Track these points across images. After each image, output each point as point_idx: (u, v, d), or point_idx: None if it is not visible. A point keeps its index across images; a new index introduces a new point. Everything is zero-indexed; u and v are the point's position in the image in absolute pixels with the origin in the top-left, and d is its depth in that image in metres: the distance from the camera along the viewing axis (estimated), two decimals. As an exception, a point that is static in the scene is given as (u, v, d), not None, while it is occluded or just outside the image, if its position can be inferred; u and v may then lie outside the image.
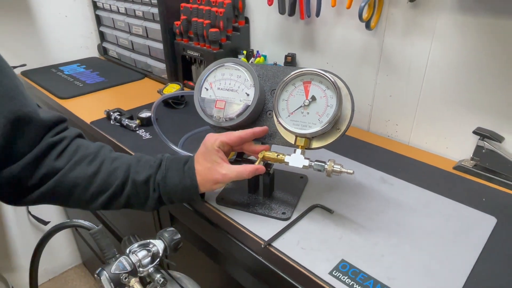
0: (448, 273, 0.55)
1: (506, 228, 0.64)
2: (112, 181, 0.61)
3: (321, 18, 0.98)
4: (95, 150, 0.63)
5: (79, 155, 0.60)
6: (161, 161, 0.64)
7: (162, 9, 1.20)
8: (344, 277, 0.55)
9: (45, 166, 0.58)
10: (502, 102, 0.76)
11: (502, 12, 0.70)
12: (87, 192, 0.60)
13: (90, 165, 0.60)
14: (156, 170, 0.63)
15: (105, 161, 0.62)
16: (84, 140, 0.65)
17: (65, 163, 0.59)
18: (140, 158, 0.64)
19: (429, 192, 0.73)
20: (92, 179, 0.60)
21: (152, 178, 0.62)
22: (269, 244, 0.61)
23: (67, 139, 0.61)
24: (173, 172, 0.62)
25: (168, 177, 0.62)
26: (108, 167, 0.61)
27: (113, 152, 0.66)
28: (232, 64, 0.68)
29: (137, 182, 0.61)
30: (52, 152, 0.59)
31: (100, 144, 0.66)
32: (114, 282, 0.56)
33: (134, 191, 0.62)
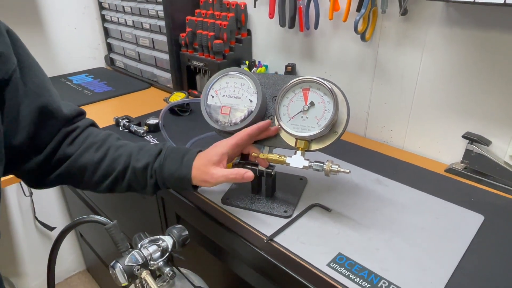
0: (437, 265, 0.60)
1: (493, 225, 0.69)
2: (115, 167, 0.65)
3: (319, 31, 1.04)
4: (103, 137, 0.68)
5: (88, 142, 0.66)
6: (160, 150, 0.68)
7: (168, 21, 1.27)
8: (341, 268, 0.59)
9: (60, 152, 0.64)
10: (488, 107, 0.81)
11: (486, 25, 0.76)
12: (94, 175, 0.66)
13: (97, 152, 0.65)
14: (155, 159, 0.67)
15: (110, 148, 0.67)
16: (95, 129, 0.70)
17: (76, 149, 0.65)
18: (142, 147, 0.68)
19: (421, 193, 0.78)
20: (98, 165, 0.65)
21: (150, 165, 0.66)
22: (271, 239, 0.66)
23: (80, 128, 0.66)
24: (171, 161, 0.66)
25: (165, 165, 0.66)
26: (113, 154, 0.66)
27: (120, 140, 0.70)
28: (236, 73, 0.74)
29: (136, 169, 0.65)
30: (66, 140, 0.65)
31: (108, 132, 0.71)
32: (127, 273, 0.61)
33: (133, 177, 0.66)
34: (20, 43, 0.58)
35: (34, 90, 0.59)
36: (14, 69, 0.55)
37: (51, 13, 1.55)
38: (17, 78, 0.56)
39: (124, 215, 1.23)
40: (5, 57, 0.54)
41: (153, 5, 1.33)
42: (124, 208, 1.21)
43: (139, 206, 1.09)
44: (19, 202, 1.67)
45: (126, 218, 1.23)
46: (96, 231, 1.58)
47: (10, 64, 0.55)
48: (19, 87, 0.57)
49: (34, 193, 1.67)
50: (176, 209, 0.89)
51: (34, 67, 0.60)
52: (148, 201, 1.00)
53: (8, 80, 0.55)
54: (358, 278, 0.57)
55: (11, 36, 0.57)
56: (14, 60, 0.56)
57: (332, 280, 0.57)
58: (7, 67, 0.54)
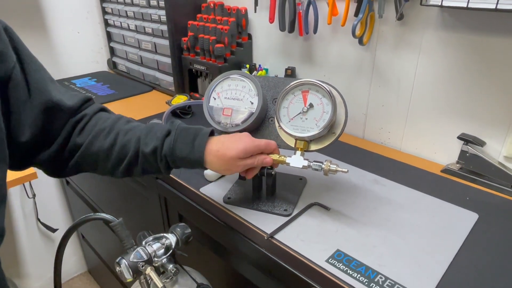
0: (432, 261, 0.62)
1: (487, 223, 0.71)
2: (126, 152, 0.65)
3: (318, 35, 1.07)
4: (111, 123, 0.67)
5: (96, 129, 0.65)
6: (169, 131, 0.66)
7: (171, 26, 1.29)
8: (339, 264, 0.61)
9: (71, 143, 0.65)
10: (483, 109, 0.83)
11: (480, 29, 0.79)
12: (108, 162, 0.66)
13: (106, 138, 0.65)
14: (163, 141, 0.65)
15: (119, 133, 0.66)
16: (104, 113, 0.70)
17: (85, 138, 0.65)
18: (151, 129, 0.67)
19: (417, 192, 0.80)
20: (110, 151, 0.65)
21: (158, 149, 0.65)
22: (271, 237, 0.68)
23: (87, 115, 0.66)
24: (182, 144, 0.65)
25: (176, 148, 0.65)
26: (122, 139, 0.65)
27: (129, 123, 0.69)
28: (238, 76, 0.76)
29: (146, 153, 0.64)
30: (75, 130, 0.65)
31: (118, 116, 0.70)
32: (132, 269, 0.63)
33: (145, 160, 0.65)
34: (18, 40, 0.58)
35: (36, 86, 0.59)
36: (13, 66, 0.56)
37: (55, 18, 1.58)
38: (18, 75, 0.57)
39: (126, 215, 1.25)
40: (4, 55, 0.54)
41: (156, 10, 1.36)
42: (127, 209, 1.23)
43: (141, 206, 1.11)
44: (22, 203, 1.69)
45: (128, 219, 1.25)
46: (98, 232, 1.59)
47: (9, 61, 0.55)
48: (20, 84, 0.57)
49: (37, 194, 1.69)
50: (179, 209, 0.91)
51: (34, 63, 0.60)
52: (151, 201, 1.02)
53: (9, 78, 0.55)
54: (356, 274, 0.59)
55: (9, 33, 0.57)
56: (13, 58, 0.56)
57: (330, 275, 0.59)
58: (6, 65, 0.55)
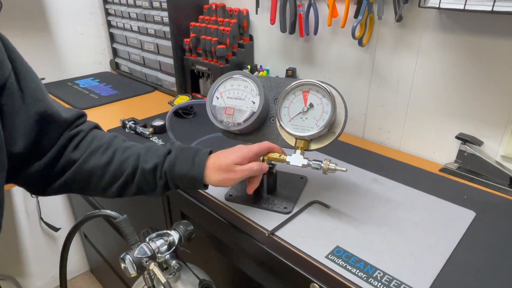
0: (430, 257, 0.63)
1: (483, 221, 0.72)
2: (124, 169, 0.65)
3: (318, 36, 1.08)
4: (108, 140, 0.67)
5: (93, 146, 0.65)
6: (169, 150, 0.67)
7: (173, 27, 1.31)
8: (338, 260, 0.63)
9: (64, 158, 0.63)
10: (480, 109, 0.85)
11: (477, 31, 0.80)
12: (102, 180, 0.65)
13: (103, 155, 0.65)
14: (164, 159, 0.66)
15: (117, 150, 0.66)
16: (99, 131, 0.69)
17: (81, 154, 0.64)
18: (150, 148, 0.68)
19: (416, 191, 0.82)
20: (106, 168, 0.64)
21: (159, 166, 0.65)
22: (272, 233, 0.69)
23: (83, 131, 0.66)
24: (182, 161, 0.66)
25: (176, 166, 0.65)
26: (120, 157, 0.65)
27: (126, 142, 0.70)
28: (240, 76, 0.77)
29: (145, 170, 0.65)
30: (70, 145, 0.64)
31: (114, 134, 0.70)
32: (136, 264, 0.64)
33: (142, 179, 0.66)
34: (12, 48, 0.57)
35: (31, 95, 0.57)
36: (9, 74, 0.54)
37: (58, 19, 1.60)
38: (13, 84, 0.55)
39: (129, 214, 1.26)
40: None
41: (158, 12, 1.37)
42: (129, 207, 1.24)
43: (144, 205, 1.13)
44: (25, 203, 1.71)
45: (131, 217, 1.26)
46: (100, 232, 1.61)
47: (4, 69, 0.54)
48: (15, 93, 0.55)
49: (40, 194, 1.70)
50: (181, 207, 0.93)
51: (30, 73, 0.59)
52: (153, 199, 1.03)
53: (3, 86, 0.54)
54: (355, 269, 0.61)
55: (3, 41, 0.55)
56: (8, 66, 0.54)
57: (330, 271, 0.61)
58: (1, 73, 0.53)
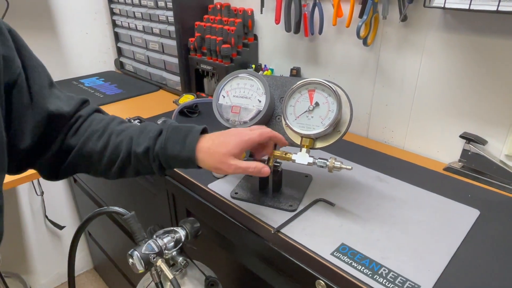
0: (434, 255, 0.64)
1: (488, 219, 0.73)
2: (118, 153, 0.65)
3: (323, 36, 1.09)
4: (104, 124, 0.67)
5: (89, 131, 0.65)
6: (160, 131, 0.66)
7: (178, 27, 1.32)
8: (344, 257, 0.63)
9: (65, 144, 0.65)
10: (484, 109, 0.85)
11: (481, 30, 0.81)
12: (101, 163, 0.66)
13: (99, 140, 0.65)
14: (155, 141, 0.64)
15: (112, 134, 0.66)
16: (99, 115, 0.69)
17: (79, 139, 0.65)
18: (144, 129, 0.66)
19: (420, 189, 0.82)
20: (102, 153, 0.65)
21: (150, 149, 0.64)
22: (278, 231, 0.70)
23: (82, 117, 0.66)
24: (173, 143, 0.64)
25: (167, 147, 0.64)
26: (115, 141, 0.65)
27: (122, 124, 0.69)
28: (246, 75, 0.78)
29: (138, 153, 0.64)
30: (70, 132, 0.65)
31: (112, 117, 0.70)
32: (144, 261, 0.65)
33: (137, 161, 0.65)
34: (22, 43, 0.57)
35: (39, 93, 0.58)
36: (19, 72, 0.54)
37: (63, 19, 1.61)
38: (22, 81, 0.55)
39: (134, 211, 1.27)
40: (10, 60, 0.53)
41: (163, 11, 1.38)
42: (135, 205, 1.25)
43: (149, 203, 1.14)
44: (30, 201, 1.72)
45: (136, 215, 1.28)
46: (104, 230, 1.62)
47: (15, 67, 0.54)
48: (24, 91, 0.56)
49: (45, 192, 1.72)
50: (186, 205, 0.94)
51: (36, 68, 0.59)
52: (159, 197, 1.04)
53: (14, 83, 0.54)
54: (360, 266, 0.61)
55: (13, 36, 0.55)
56: (18, 63, 0.54)
57: (336, 267, 0.61)
58: (12, 70, 0.53)
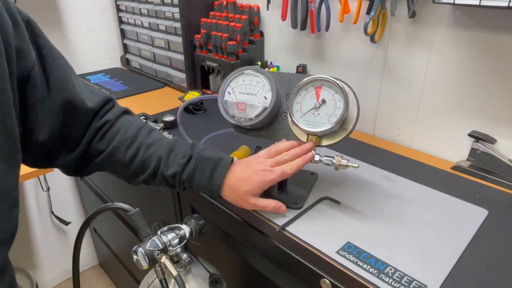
0: (441, 255, 0.63)
1: (496, 219, 0.71)
2: (146, 168, 0.68)
3: (330, 32, 1.08)
4: (133, 133, 0.68)
5: (118, 140, 0.67)
6: (190, 157, 0.68)
7: (184, 24, 1.31)
8: (349, 256, 0.62)
9: (92, 147, 0.66)
10: (493, 107, 0.84)
11: (491, 27, 0.79)
12: (127, 172, 0.69)
13: (127, 151, 0.67)
14: (183, 168, 0.67)
15: (141, 147, 0.68)
16: (127, 118, 0.70)
17: (106, 145, 0.66)
18: (173, 148, 0.69)
19: (427, 188, 0.81)
20: (129, 164, 0.68)
21: (178, 175, 0.67)
22: (283, 229, 0.70)
23: (110, 121, 0.67)
24: (200, 174, 0.67)
25: (194, 178, 0.67)
26: (143, 155, 0.67)
27: (151, 135, 0.70)
28: (252, 71, 0.77)
29: (165, 175, 0.68)
30: (97, 135, 0.66)
31: (140, 125, 0.70)
32: (148, 257, 0.65)
33: (163, 180, 0.69)
34: (40, 33, 0.56)
35: (57, 84, 0.58)
36: (33, 64, 0.54)
37: (70, 15, 1.62)
38: (37, 73, 0.54)
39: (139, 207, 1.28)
40: (23, 52, 0.52)
41: (169, 8, 1.38)
42: (140, 202, 1.25)
43: (154, 199, 1.13)
44: (36, 197, 1.73)
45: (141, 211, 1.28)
46: (110, 226, 1.63)
47: (28, 59, 0.53)
48: (39, 83, 0.55)
49: (51, 188, 1.73)
50: (191, 201, 0.93)
51: (56, 60, 0.58)
52: (164, 194, 1.04)
53: (28, 76, 0.53)
54: (366, 265, 0.61)
55: (32, 27, 0.54)
56: (32, 56, 0.53)
57: (341, 266, 0.61)
58: (25, 63, 0.52)
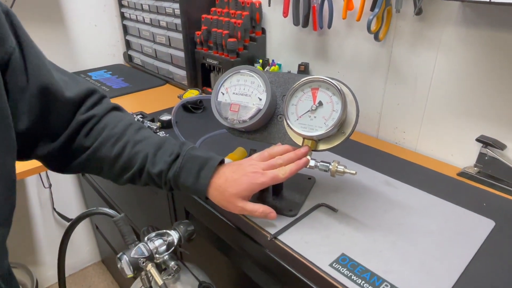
0: (442, 270, 0.59)
1: (504, 231, 0.67)
2: (132, 165, 0.65)
3: (332, 30, 1.04)
4: (121, 130, 0.66)
5: (104, 135, 0.65)
6: (177, 155, 0.66)
7: (184, 20, 1.28)
8: (343, 269, 0.59)
9: (77, 143, 0.64)
10: (504, 110, 0.79)
11: (502, 25, 0.74)
12: (113, 169, 0.66)
13: (114, 147, 0.64)
14: (169, 166, 0.65)
15: (128, 144, 0.65)
16: (114, 116, 0.68)
17: (92, 142, 0.64)
18: (161, 146, 0.66)
19: (431, 196, 0.77)
20: (115, 160, 0.65)
21: (164, 173, 0.64)
22: (275, 237, 0.66)
23: (96, 117, 0.65)
24: (186, 173, 0.64)
25: (180, 177, 0.64)
26: (130, 152, 0.65)
27: (139, 132, 0.68)
28: (247, 71, 0.74)
29: (151, 173, 0.65)
30: (82, 130, 0.64)
31: (128, 122, 0.68)
32: (133, 265, 0.62)
33: (149, 179, 0.66)
34: (19, 25, 0.56)
35: (35, 71, 0.57)
36: (12, 51, 0.54)
37: (72, 11, 1.60)
38: (16, 60, 0.55)
39: (137, 207, 1.26)
40: (3, 38, 0.53)
41: (170, 3, 1.35)
42: (138, 201, 1.24)
43: (151, 200, 1.11)
44: (39, 193, 1.73)
45: (139, 211, 1.26)
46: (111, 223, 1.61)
47: (8, 46, 0.53)
48: (19, 70, 0.56)
49: (53, 185, 1.72)
50: (185, 204, 0.91)
51: (34, 49, 0.59)
52: (159, 195, 1.02)
53: (7, 62, 0.54)
54: (360, 280, 0.57)
55: (10, 17, 0.55)
56: (12, 42, 0.54)
57: (333, 280, 0.57)
58: (5, 49, 0.53)
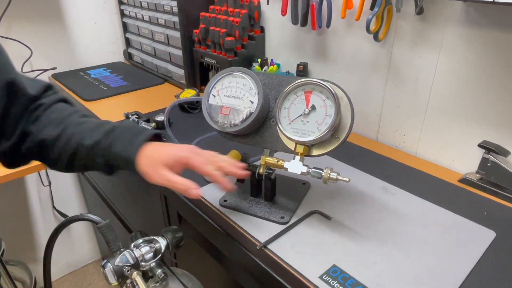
0: (438, 283, 0.56)
1: (505, 242, 0.64)
2: (70, 144, 0.63)
3: (332, 29, 1.00)
4: (65, 114, 0.65)
5: (49, 119, 0.64)
6: (113, 127, 0.64)
7: (182, 17, 1.26)
8: (334, 282, 0.56)
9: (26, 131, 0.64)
10: (507, 115, 0.75)
11: (506, 25, 0.71)
12: (52, 152, 0.64)
13: (55, 128, 0.63)
14: (106, 136, 0.62)
15: (70, 125, 0.64)
16: (63, 105, 0.68)
17: (37, 126, 0.64)
18: (101, 125, 0.64)
19: (430, 204, 0.74)
20: (55, 142, 0.63)
21: (98, 143, 0.62)
22: (264, 246, 0.64)
23: (44, 105, 0.65)
24: (121, 140, 0.62)
25: (115, 145, 0.62)
26: (70, 131, 0.63)
27: (84, 118, 0.66)
28: (239, 72, 0.71)
29: (85, 147, 0.62)
30: (30, 118, 0.64)
31: (75, 109, 0.68)
32: (117, 273, 0.60)
33: (85, 155, 0.63)
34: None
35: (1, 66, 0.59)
36: None
37: (72, 8, 1.58)
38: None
39: (133, 208, 1.25)
40: None
41: (168, 1, 1.32)
42: (133, 202, 1.22)
43: (146, 201, 1.10)
44: (39, 191, 1.73)
45: (134, 212, 1.25)
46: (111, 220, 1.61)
47: None
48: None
49: (52, 183, 1.72)
50: (178, 208, 0.89)
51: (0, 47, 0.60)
52: (153, 198, 1.00)
53: None
54: (351, 293, 0.54)
55: None
56: None
57: (323, 293, 0.55)
58: None
